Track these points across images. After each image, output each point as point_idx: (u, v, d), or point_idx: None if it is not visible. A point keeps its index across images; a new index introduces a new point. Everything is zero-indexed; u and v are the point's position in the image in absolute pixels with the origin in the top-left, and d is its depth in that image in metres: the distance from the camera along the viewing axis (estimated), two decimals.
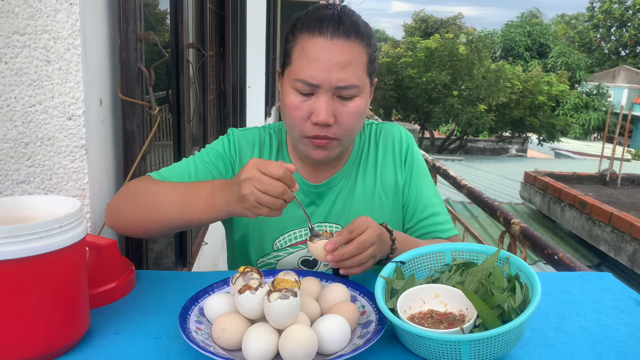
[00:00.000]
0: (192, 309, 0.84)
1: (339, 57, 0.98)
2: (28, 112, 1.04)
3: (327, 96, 0.99)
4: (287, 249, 1.14)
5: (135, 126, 1.22)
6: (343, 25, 0.99)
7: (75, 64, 1.03)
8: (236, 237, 1.18)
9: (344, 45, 0.98)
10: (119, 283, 0.95)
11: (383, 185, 1.16)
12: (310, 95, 1.00)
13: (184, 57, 1.68)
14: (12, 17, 1.00)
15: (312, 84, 0.98)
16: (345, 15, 1.01)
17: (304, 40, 1.00)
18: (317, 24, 0.99)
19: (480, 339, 0.72)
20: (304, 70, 0.99)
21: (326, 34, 0.98)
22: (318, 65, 0.97)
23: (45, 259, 0.72)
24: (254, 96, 4.76)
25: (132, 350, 0.79)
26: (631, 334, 0.88)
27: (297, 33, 1.03)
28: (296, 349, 0.72)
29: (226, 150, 1.14)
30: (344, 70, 0.98)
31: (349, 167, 1.15)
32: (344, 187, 1.15)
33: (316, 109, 0.99)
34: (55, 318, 0.74)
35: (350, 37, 0.99)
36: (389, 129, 1.20)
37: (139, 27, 1.19)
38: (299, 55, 1.00)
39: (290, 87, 1.02)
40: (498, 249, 0.88)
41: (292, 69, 1.02)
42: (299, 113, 1.01)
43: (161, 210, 0.98)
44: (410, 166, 1.17)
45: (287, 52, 1.05)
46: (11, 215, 0.83)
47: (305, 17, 1.03)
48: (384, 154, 1.17)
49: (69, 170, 1.08)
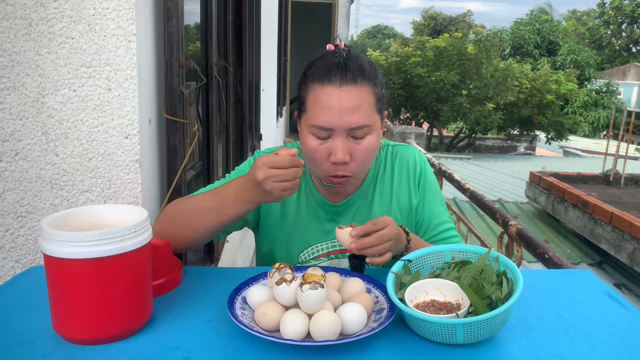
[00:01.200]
0: (236, 298, 1.01)
1: (348, 102, 1.08)
2: (92, 132, 1.23)
3: (342, 137, 1.10)
4: (310, 262, 1.27)
5: (177, 141, 1.40)
6: (349, 72, 1.09)
7: (132, 92, 1.22)
8: (263, 249, 1.32)
9: (352, 91, 1.09)
10: (172, 277, 1.13)
11: (398, 205, 1.28)
12: (327, 138, 1.12)
13: (213, 75, 1.86)
14: (80, 53, 1.19)
15: (327, 128, 1.10)
16: (350, 61, 1.11)
17: (316, 89, 1.11)
18: (325, 73, 1.10)
19: (472, 322, 0.89)
20: (318, 116, 1.10)
21: (335, 82, 1.09)
22: (330, 112, 1.08)
23: (124, 257, 0.89)
24: (267, 98, 4.94)
25: (188, 332, 0.96)
26: (601, 321, 1.04)
27: (308, 82, 1.14)
28: (324, 330, 0.89)
29: None
30: (355, 113, 1.09)
31: (365, 188, 1.28)
32: (361, 207, 1.27)
33: (333, 150, 1.11)
34: (130, 304, 0.92)
35: (357, 82, 1.09)
36: (404, 152, 1.32)
37: (181, 56, 1.38)
38: (313, 104, 1.11)
39: (307, 132, 1.14)
40: (488, 250, 1.05)
41: (307, 116, 1.14)
42: (318, 155, 1.13)
43: (200, 222, 1.11)
44: (423, 188, 1.30)
45: (302, 100, 1.16)
46: (88, 222, 1.01)
47: (314, 67, 1.14)
48: (400, 176, 1.29)
49: (125, 181, 1.26)
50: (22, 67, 1.17)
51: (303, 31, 10.34)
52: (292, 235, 1.27)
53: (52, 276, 0.89)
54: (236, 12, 3.12)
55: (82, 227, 0.98)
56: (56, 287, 0.89)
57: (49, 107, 1.20)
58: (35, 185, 1.23)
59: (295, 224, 1.27)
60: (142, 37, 1.25)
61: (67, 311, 0.89)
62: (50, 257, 0.87)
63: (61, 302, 0.89)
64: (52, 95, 1.20)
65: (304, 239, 1.27)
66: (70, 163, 1.23)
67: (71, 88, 1.20)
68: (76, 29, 1.17)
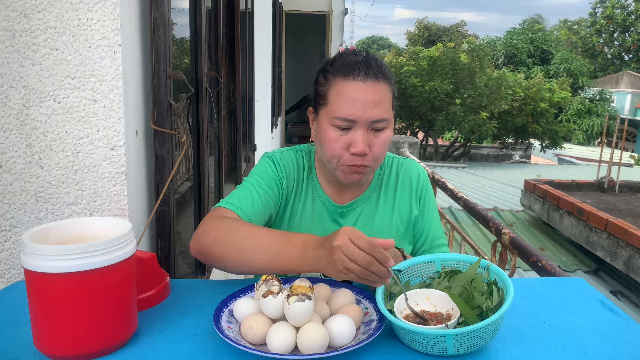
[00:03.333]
0: (223, 311, 1.00)
1: (372, 96, 1.14)
2: (77, 144, 1.21)
3: (363, 130, 1.15)
4: None
5: (165, 152, 1.39)
6: (372, 69, 1.16)
7: (118, 102, 1.21)
8: None
9: (374, 86, 1.15)
10: (158, 290, 1.11)
11: (400, 214, 1.33)
12: (348, 129, 1.16)
13: (203, 86, 1.85)
14: (65, 64, 1.18)
15: (351, 120, 1.15)
16: (371, 59, 1.18)
17: (340, 83, 1.16)
18: (350, 69, 1.16)
19: (462, 333, 0.88)
20: (342, 109, 1.15)
21: (359, 78, 1.15)
22: (355, 104, 1.14)
23: (107, 270, 0.88)
24: (261, 109, 4.94)
25: (174, 347, 0.94)
26: (594, 330, 1.03)
27: (330, 77, 1.19)
28: (311, 343, 0.87)
29: (274, 172, 1.26)
30: (377, 107, 1.15)
31: (369, 192, 1.32)
32: (364, 210, 1.31)
33: (354, 141, 1.15)
34: (114, 318, 0.90)
35: (379, 78, 1.16)
36: (409, 166, 1.37)
37: (168, 67, 1.37)
38: (336, 97, 1.16)
39: (328, 124, 1.17)
40: (478, 259, 1.04)
41: (329, 109, 1.17)
42: (338, 145, 1.17)
43: (251, 257, 1.04)
44: (424, 202, 1.36)
45: (322, 95, 1.20)
46: (71, 235, 0.99)
47: (337, 64, 1.19)
48: (403, 186, 1.35)
49: (111, 193, 1.25)
50: (6, 79, 1.16)
51: (297, 42, 10.40)
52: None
53: (32, 291, 0.87)
54: (228, 24, 3.13)
55: (64, 240, 0.96)
56: (37, 302, 0.87)
57: (33, 119, 1.19)
58: (20, 198, 1.22)
59: (300, 223, 1.29)
60: (128, 47, 1.24)
61: (49, 327, 0.87)
62: (31, 271, 0.85)
63: (42, 317, 0.87)
64: (37, 107, 1.18)
65: None
66: (56, 175, 1.22)
67: (56, 99, 1.19)
68: (60, 40, 1.16)
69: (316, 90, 1.23)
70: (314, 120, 1.26)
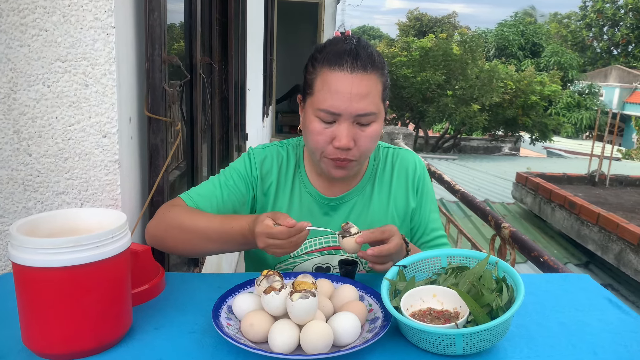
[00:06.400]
0: (221, 308, 0.96)
1: (358, 88, 1.08)
2: (68, 131, 1.16)
3: (347, 123, 1.09)
4: (302, 256, 1.24)
5: (159, 140, 1.34)
6: (360, 59, 1.09)
7: (111, 88, 1.15)
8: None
9: (362, 78, 1.08)
10: (153, 284, 1.06)
11: (396, 207, 1.27)
12: (332, 122, 1.10)
13: (197, 72, 1.80)
14: (55, 46, 1.12)
15: (335, 113, 1.09)
16: (361, 48, 1.11)
17: (325, 73, 1.10)
18: (337, 58, 1.09)
19: (472, 333, 0.84)
20: (326, 100, 1.09)
21: (346, 68, 1.08)
22: (340, 97, 1.07)
23: (101, 264, 0.83)
24: (253, 97, 4.87)
25: (170, 344, 0.90)
26: (603, 329, 1.00)
27: (317, 66, 1.12)
28: (316, 342, 0.84)
29: (247, 170, 1.24)
30: (363, 100, 1.08)
31: (363, 184, 1.27)
32: (358, 203, 1.26)
33: (338, 135, 1.10)
34: (108, 315, 0.86)
35: (367, 69, 1.09)
36: (405, 156, 1.32)
37: (163, 51, 1.31)
38: (322, 87, 1.10)
39: (313, 115, 1.12)
40: (487, 255, 1.00)
41: (314, 99, 1.12)
42: (322, 138, 1.11)
43: (200, 246, 1.13)
44: (421, 193, 1.30)
45: (309, 84, 1.14)
46: (62, 227, 0.94)
47: (325, 52, 1.12)
48: (399, 178, 1.29)
49: (103, 183, 1.19)
50: None
51: (289, 31, 10.28)
52: None
53: (21, 286, 0.82)
54: (221, 10, 3.06)
55: (55, 232, 0.91)
56: (26, 298, 0.82)
57: (21, 104, 1.13)
58: (7, 187, 1.16)
59: None
60: (122, 30, 1.18)
61: (39, 324, 0.82)
62: (20, 265, 0.80)
63: (32, 314, 0.82)
64: (25, 91, 1.12)
65: None
66: (45, 163, 1.16)
67: (45, 84, 1.13)
68: (50, 21, 1.10)
69: (305, 78, 1.17)
70: (302, 109, 1.20)
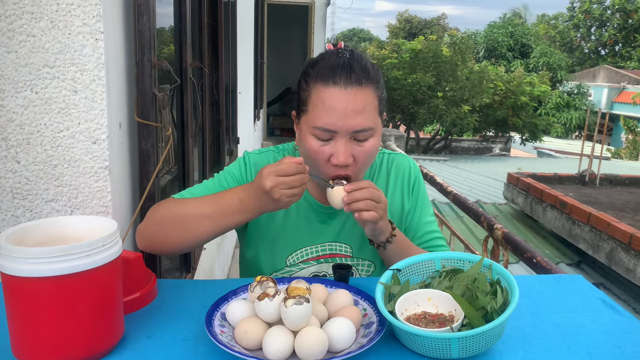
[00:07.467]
0: (215, 315, 0.95)
1: (353, 104, 1.05)
2: (57, 137, 1.14)
3: (344, 140, 1.07)
4: (299, 265, 1.23)
5: (149, 146, 1.32)
6: (354, 73, 1.06)
7: (100, 93, 1.14)
8: (249, 254, 1.27)
9: (356, 93, 1.05)
10: (145, 292, 1.05)
11: (391, 211, 1.25)
12: (329, 139, 1.08)
13: (187, 77, 1.78)
14: (43, 52, 1.11)
15: (331, 130, 1.06)
16: (354, 61, 1.08)
17: (319, 89, 1.07)
18: (330, 73, 1.06)
19: (467, 336, 0.84)
20: (321, 118, 1.06)
21: (340, 83, 1.05)
22: (335, 113, 1.05)
23: (91, 273, 0.82)
24: (244, 101, 4.86)
25: (163, 352, 0.89)
26: (597, 330, 1.00)
27: (310, 82, 1.10)
28: (310, 348, 0.83)
29: (243, 174, 1.22)
30: (359, 115, 1.06)
31: None
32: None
33: (335, 152, 1.07)
34: (99, 324, 0.84)
35: (362, 83, 1.06)
36: (400, 160, 1.31)
37: (153, 56, 1.30)
38: (316, 104, 1.07)
39: (309, 133, 1.10)
40: (482, 258, 1.00)
41: (309, 117, 1.09)
42: (320, 156, 1.09)
43: (196, 228, 1.08)
44: (416, 196, 1.29)
45: (303, 100, 1.12)
46: (51, 235, 0.92)
47: (317, 67, 1.10)
48: (395, 182, 1.28)
49: (93, 189, 1.18)
50: None
51: (280, 34, 10.28)
52: (279, 237, 1.23)
53: (10, 296, 0.81)
54: (211, 13, 3.05)
55: (44, 241, 0.90)
56: (16, 308, 0.81)
57: (8, 111, 1.11)
58: None
59: (284, 226, 1.23)
60: (111, 35, 1.17)
61: (29, 334, 0.81)
62: (8, 275, 0.79)
63: (21, 324, 0.81)
64: (12, 97, 1.11)
65: (292, 242, 1.23)
66: (33, 171, 1.15)
67: (33, 90, 1.11)
68: (38, 26, 1.09)
69: (298, 95, 1.15)
70: (297, 125, 1.18)
